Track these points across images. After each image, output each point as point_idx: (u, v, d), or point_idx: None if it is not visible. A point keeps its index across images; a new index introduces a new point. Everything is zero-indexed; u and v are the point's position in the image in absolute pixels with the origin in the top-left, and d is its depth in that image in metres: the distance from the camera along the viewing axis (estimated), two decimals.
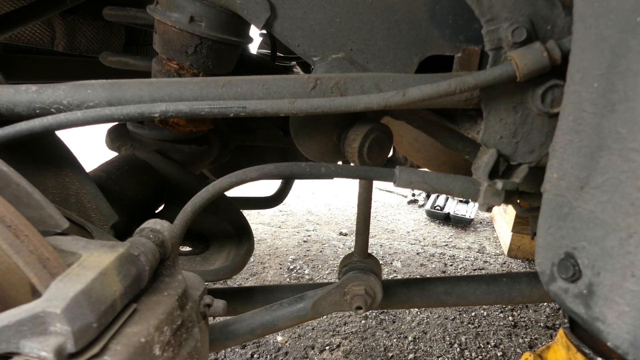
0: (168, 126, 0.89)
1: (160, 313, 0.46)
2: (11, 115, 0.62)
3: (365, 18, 0.69)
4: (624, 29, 0.44)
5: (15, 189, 0.48)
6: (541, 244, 0.56)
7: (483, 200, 0.72)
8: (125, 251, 0.45)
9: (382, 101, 0.61)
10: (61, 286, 0.38)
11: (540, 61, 0.57)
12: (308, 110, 0.62)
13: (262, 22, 0.71)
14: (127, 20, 1.01)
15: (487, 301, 1.01)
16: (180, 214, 0.73)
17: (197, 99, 0.64)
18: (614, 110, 0.46)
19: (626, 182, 0.45)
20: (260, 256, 2.69)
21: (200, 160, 1.18)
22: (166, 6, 0.78)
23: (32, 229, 0.44)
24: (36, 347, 0.35)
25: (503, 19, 0.60)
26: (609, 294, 0.47)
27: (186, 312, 0.51)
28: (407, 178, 0.72)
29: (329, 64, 0.72)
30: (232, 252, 1.08)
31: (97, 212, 0.78)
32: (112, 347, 0.40)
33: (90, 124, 0.62)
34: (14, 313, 0.36)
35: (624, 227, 0.45)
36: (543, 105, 0.63)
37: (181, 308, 0.50)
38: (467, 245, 2.90)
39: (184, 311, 0.50)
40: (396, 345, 1.97)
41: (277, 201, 1.74)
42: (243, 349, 1.91)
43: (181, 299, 0.50)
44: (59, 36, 1.28)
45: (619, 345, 0.46)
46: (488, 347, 1.98)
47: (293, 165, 0.72)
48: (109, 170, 0.98)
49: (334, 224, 3.19)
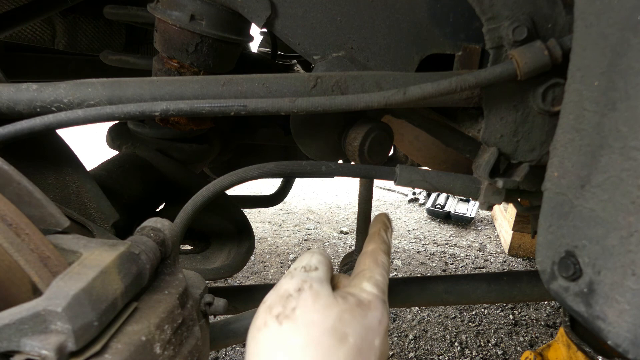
0: (169, 125, 0.89)
1: (161, 311, 0.46)
2: (12, 113, 0.62)
3: (366, 16, 0.69)
4: (625, 27, 0.44)
5: (16, 187, 0.48)
6: (542, 243, 0.56)
7: (484, 198, 0.72)
8: (126, 250, 0.45)
9: (382, 100, 0.61)
10: (62, 285, 0.38)
11: (541, 60, 0.57)
12: (309, 109, 0.62)
13: (263, 21, 0.71)
14: (128, 19, 1.01)
15: (487, 300, 1.01)
16: (181, 213, 0.73)
17: (197, 98, 0.64)
18: (615, 109, 0.46)
19: (627, 180, 0.45)
20: (261, 255, 2.69)
21: (201, 159, 1.18)
22: (167, 5, 0.78)
23: (33, 227, 0.44)
24: (37, 345, 0.35)
25: (504, 18, 0.60)
26: (609, 292, 0.47)
27: (187, 310, 0.51)
28: (407, 176, 0.72)
29: (330, 62, 0.72)
30: (233, 251, 1.08)
31: (98, 211, 0.78)
32: (112, 345, 0.40)
33: (91, 122, 0.62)
34: (15, 311, 0.36)
35: (624, 225, 0.45)
36: (544, 103, 0.63)
37: (182, 306, 0.50)
38: (468, 243, 2.90)
39: (185, 310, 0.51)
40: (397, 344, 1.98)
41: (278, 200, 1.74)
42: (244, 347, 1.92)
43: (182, 298, 0.50)
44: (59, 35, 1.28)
45: (619, 344, 0.46)
46: (489, 346, 1.99)
47: (294, 163, 0.72)
48: (110, 169, 0.98)
49: (335, 223, 3.19)
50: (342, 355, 0.45)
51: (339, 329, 0.46)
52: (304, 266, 0.54)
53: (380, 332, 0.50)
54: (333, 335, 0.46)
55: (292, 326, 0.46)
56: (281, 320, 0.47)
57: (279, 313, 0.47)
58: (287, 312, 0.47)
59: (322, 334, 0.46)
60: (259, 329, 0.48)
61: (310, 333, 0.46)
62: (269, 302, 0.50)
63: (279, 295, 0.50)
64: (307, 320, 0.47)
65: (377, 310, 0.51)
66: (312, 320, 0.47)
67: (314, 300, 0.48)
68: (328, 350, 0.45)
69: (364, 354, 0.47)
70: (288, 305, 0.48)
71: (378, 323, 0.50)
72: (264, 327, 0.47)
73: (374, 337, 0.49)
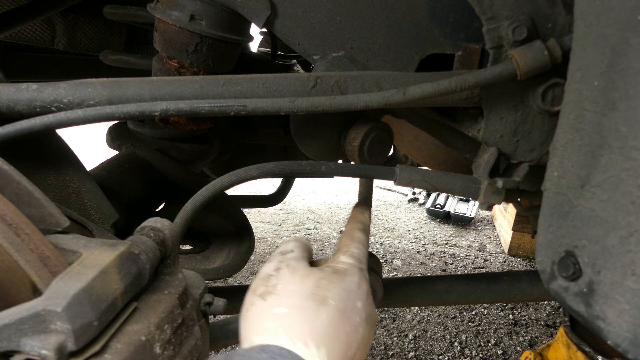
0: (169, 125, 0.89)
1: (160, 311, 0.46)
2: (12, 113, 0.62)
3: (366, 16, 0.69)
4: (625, 27, 0.44)
5: (16, 187, 0.48)
6: (541, 243, 0.56)
7: (483, 198, 0.72)
8: (125, 249, 0.45)
9: (382, 100, 0.61)
10: (62, 284, 0.38)
11: (540, 59, 0.57)
12: (309, 109, 0.62)
13: (263, 21, 0.71)
14: (128, 19, 1.01)
15: (487, 300, 1.01)
16: (181, 213, 0.73)
17: (197, 98, 0.64)
18: (614, 109, 0.46)
19: (627, 180, 0.45)
20: (260, 254, 2.69)
21: (200, 159, 1.18)
22: (167, 4, 0.78)
23: (33, 227, 0.44)
24: (37, 345, 0.35)
25: (504, 17, 0.60)
26: (609, 292, 0.47)
27: (187, 310, 0.51)
28: (407, 176, 0.72)
29: (330, 62, 0.72)
30: (233, 251, 1.08)
31: (98, 211, 0.78)
32: (112, 345, 0.40)
33: (91, 122, 0.62)
34: (15, 311, 0.36)
35: (624, 225, 0.45)
36: (544, 103, 0.63)
37: (182, 306, 0.50)
38: (468, 243, 2.90)
39: (185, 309, 0.51)
40: (397, 344, 1.98)
41: (278, 200, 1.74)
42: None
43: (182, 298, 0.50)
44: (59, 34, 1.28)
45: (619, 344, 0.46)
46: (488, 346, 1.99)
47: (294, 163, 0.72)
48: (110, 169, 0.98)
49: (335, 223, 3.19)
50: (324, 316, 0.48)
51: (318, 293, 0.50)
52: (280, 251, 0.59)
53: (360, 295, 0.53)
54: (313, 299, 0.50)
55: (275, 298, 0.50)
56: (265, 296, 0.51)
57: (262, 292, 0.52)
58: (269, 289, 0.52)
59: (304, 300, 0.50)
60: (247, 309, 0.52)
61: (292, 301, 0.50)
62: (253, 286, 0.54)
63: (260, 278, 0.55)
64: (288, 291, 0.51)
65: (354, 276, 0.55)
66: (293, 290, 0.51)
67: (291, 274, 0.53)
68: (311, 312, 0.48)
69: (347, 314, 0.50)
70: (269, 283, 0.53)
71: (357, 287, 0.54)
72: (251, 307, 0.51)
73: (355, 300, 0.52)
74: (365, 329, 0.51)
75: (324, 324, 0.48)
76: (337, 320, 0.49)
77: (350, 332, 0.49)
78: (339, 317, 0.49)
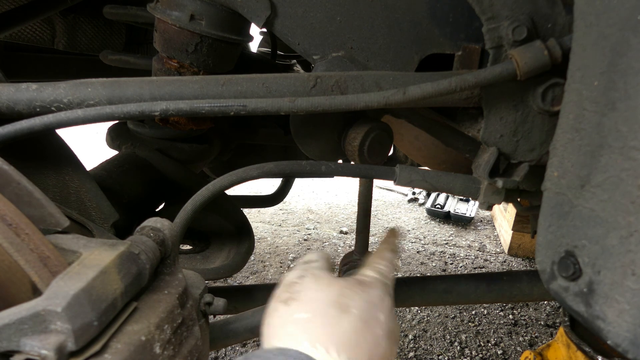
0: (168, 125, 0.89)
1: (160, 311, 0.46)
2: (12, 113, 0.62)
3: (366, 16, 0.69)
4: (625, 27, 0.44)
5: (15, 187, 0.48)
6: (541, 243, 0.56)
7: (483, 198, 0.72)
8: (125, 249, 0.45)
9: (382, 99, 0.61)
10: (62, 284, 0.38)
11: (540, 59, 0.57)
12: (308, 109, 0.62)
13: (263, 21, 0.71)
14: (128, 19, 1.01)
15: (487, 299, 1.01)
16: (181, 213, 0.73)
17: (197, 98, 0.64)
18: (614, 109, 0.46)
19: (627, 180, 0.45)
20: (260, 255, 2.69)
21: (200, 159, 1.18)
22: (166, 4, 0.78)
23: (33, 227, 0.44)
24: (37, 345, 0.35)
25: (503, 17, 0.60)
26: (609, 292, 0.47)
27: (187, 310, 0.51)
28: (407, 176, 0.72)
29: (330, 62, 0.72)
30: (233, 251, 1.08)
31: (98, 211, 0.78)
32: (112, 345, 0.40)
33: (91, 122, 0.62)
34: (15, 311, 0.36)
35: (624, 225, 0.45)
36: (543, 103, 0.63)
37: (182, 306, 0.50)
38: (468, 243, 2.90)
39: (185, 309, 0.51)
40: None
41: (278, 200, 1.74)
42: (243, 347, 1.92)
43: (182, 298, 0.50)
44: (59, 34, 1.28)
45: (619, 344, 0.46)
46: (488, 346, 1.99)
47: (294, 163, 0.72)
48: (110, 169, 0.98)
49: (335, 223, 3.19)
50: (346, 324, 0.48)
51: (341, 301, 0.50)
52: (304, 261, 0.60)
53: (383, 309, 0.53)
54: (336, 307, 0.49)
55: (298, 304, 0.51)
56: (288, 302, 0.51)
57: (285, 298, 0.52)
58: (292, 295, 0.52)
59: (326, 306, 0.50)
60: (270, 314, 0.52)
61: (315, 307, 0.50)
62: (276, 293, 0.54)
63: (284, 285, 0.55)
64: (311, 297, 0.51)
65: (377, 289, 0.55)
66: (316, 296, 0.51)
67: (315, 282, 0.54)
68: (332, 319, 0.48)
69: (370, 325, 0.50)
70: (293, 290, 0.53)
71: (380, 300, 0.53)
72: (273, 312, 0.52)
73: (377, 312, 0.52)
74: (388, 343, 0.51)
75: (345, 332, 0.48)
76: (359, 329, 0.49)
77: (372, 343, 0.49)
78: (361, 326, 0.49)
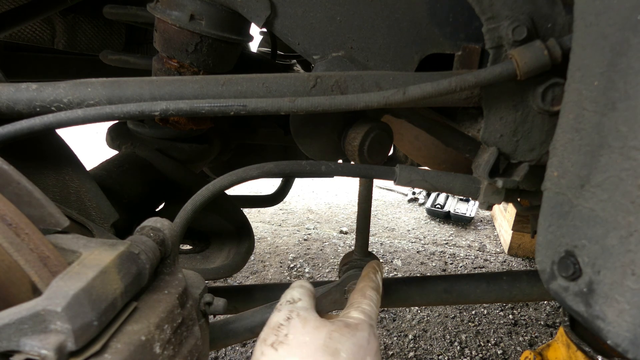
0: (168, 124, 0.89)
1: (160, 311, 0.46)
2: (11, 113, 0.62)
3: (366, 16, 0.69)
4: (625, 27, 0.44)
5: (15, 187, 0.48)
6: (541, 242, 0.56)
7: (483, 198, 0.72)
8: (125, 249, 0.45)
9: (382, 99, 0.61)
10: (62, 284, 0.38)
11: (540, 59, 0.57)
12: (308, 109, 0.62)
13: (263, 21, 0.71)
14: (128, 19, 1.01)
15: (487, 299, 1.01)
16: (181, 212, 0.73)
17: (197, 97, 0.64)
18: (614, 109, 0.46)
19: (627, 180, 0.45)
20: (260, 254, 2.69)
21: (200, 159, 1.18)
22: (166, 4, 0.78)
23: (33, 227, 0.44)
24: (37, 345, 0.35)
25: (503, 17, 0.60)
26: (609, 292, 0.47)
27: (187, 310, 0.51)
28: (407, 176, 0.72)
29: (330, 62, 0.72)
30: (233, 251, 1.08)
31: (98, 210, 0.78)
32: (112, 345, 0.40)
33: (91, 122, 0.62)
34: (15, 311, 0.36)
35: (624, 225, 0.45)
36: (543, 103, 0.63)
37: (182, 306, 0.50)
38: (468, 243, 2.90)
39: (185, 309, 0.51)
40: (396, 344, 1.98)
41: (278, 199, 1.74)
42: (243, 347, 1.92)
43: (182, 297, 0.50)
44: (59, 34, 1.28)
45: (619, 343, 0.46)
46: (488, 345, 1.99)
47: (293, 163, 0.72)
48: (110, 169, 0.98)
49: (335, 222, 3.19)
50: None
51: (331, 346, 0.50)
52: (288, 300, 0.59)
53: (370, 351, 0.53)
54: (325, 351, 0.50)
55: (286, 349, 0.50)
56: (276, 346, 0.51)
57: (273, 341, 0.51)
58: (280, 338, 0.52)
59: (316, 351, 0.49)
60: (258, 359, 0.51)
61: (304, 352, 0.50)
62: (262, 336, 0.54)
63: (271, 327, 0.54)
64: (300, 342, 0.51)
65: (364, 331, 0.55)
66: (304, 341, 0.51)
67: (303, 325, 0.53)
68: None
69: None
70: (280, 333, 0.52)
71: (367, 342, 0.54)
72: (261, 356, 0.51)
73: (365, 355, 0.52)
74: None
75: None
76: None
77: None
78: None
